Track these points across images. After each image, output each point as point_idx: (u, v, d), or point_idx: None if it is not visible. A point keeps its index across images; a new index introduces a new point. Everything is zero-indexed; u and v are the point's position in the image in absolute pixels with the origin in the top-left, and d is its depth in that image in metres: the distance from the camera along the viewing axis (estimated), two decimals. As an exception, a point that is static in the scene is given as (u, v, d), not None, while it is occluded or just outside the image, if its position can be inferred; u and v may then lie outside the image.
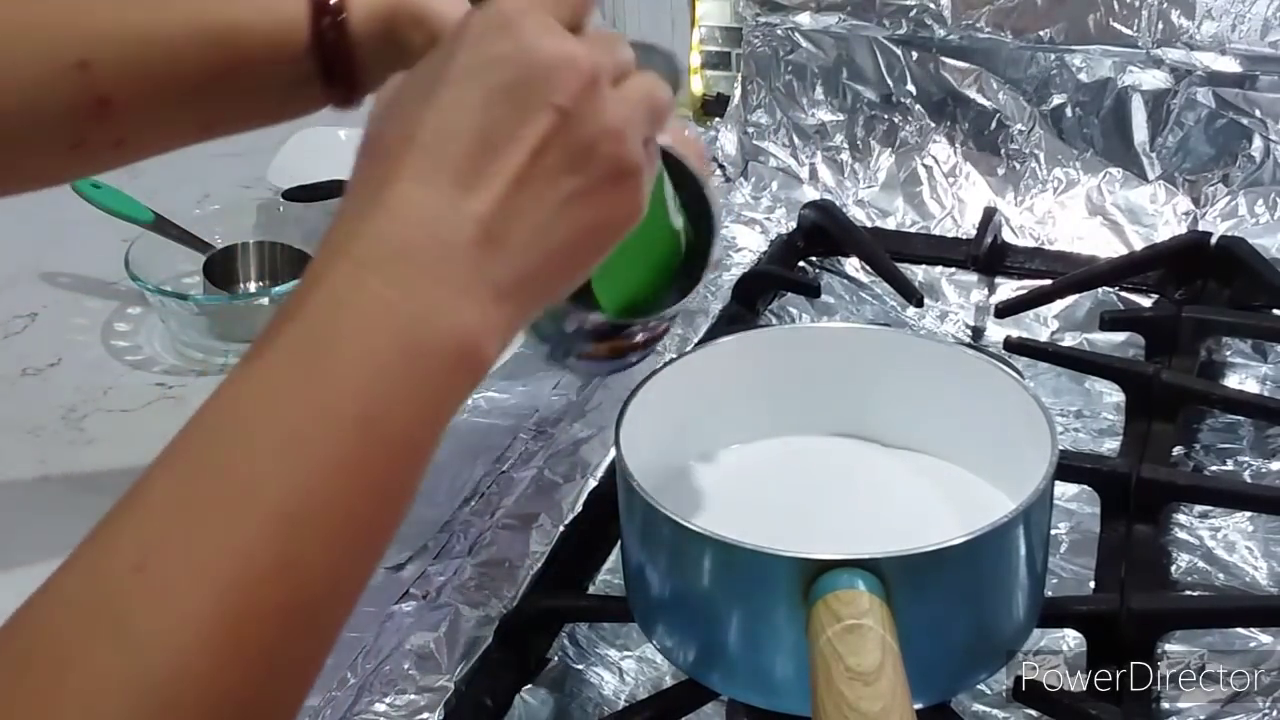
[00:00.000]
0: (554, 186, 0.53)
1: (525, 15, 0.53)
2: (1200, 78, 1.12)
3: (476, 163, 0.51)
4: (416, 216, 0.51)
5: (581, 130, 0.53)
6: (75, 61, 0.72)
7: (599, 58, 0.54)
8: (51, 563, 0.90)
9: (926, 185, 1.20)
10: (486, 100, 0.52)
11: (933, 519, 0.75)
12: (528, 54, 0.52)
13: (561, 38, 0.53)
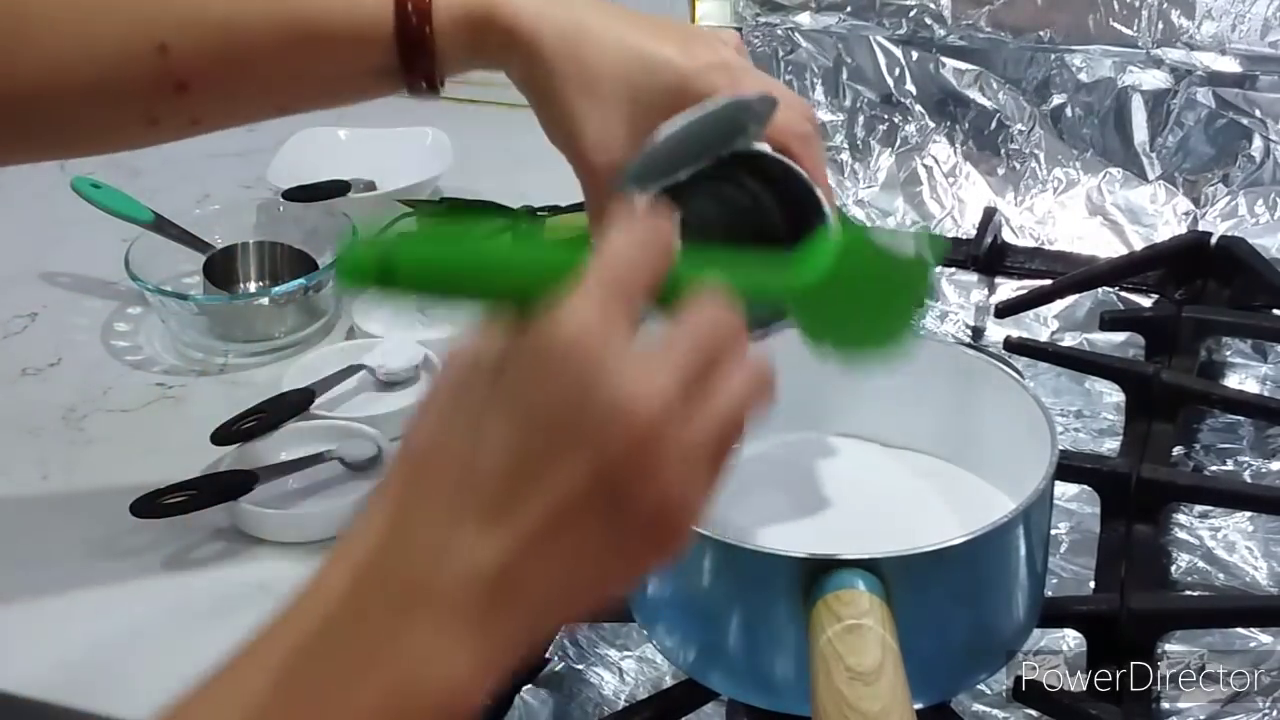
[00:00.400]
0: (579, 537, 0.48)
1: (589, 347, 0.47)
2: (1200, 78, 1.12)
3: (497, 506, 0.47)
4: (424, 548, 0.47)
5: (623, 484, 0.47)
6: (156, 44, 0.73)
7: (667, 386, 0.48)
8: (51, 562, 0.91)
9: (926, 185, 1.20)
10: (526, 432, 0.47)
11: (933, 519, 0.75)
12: (581, 396, 0.47)
13: (626, 375, 0.47)
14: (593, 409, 0.47)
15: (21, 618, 0.84)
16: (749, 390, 0.51)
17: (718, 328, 0.50)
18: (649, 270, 0.50)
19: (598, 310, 0.48)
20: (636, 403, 0.47)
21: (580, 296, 0.48)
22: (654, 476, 0.47)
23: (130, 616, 0.84)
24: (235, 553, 0.89)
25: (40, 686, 0.80)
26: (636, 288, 0.49)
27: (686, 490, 0.49)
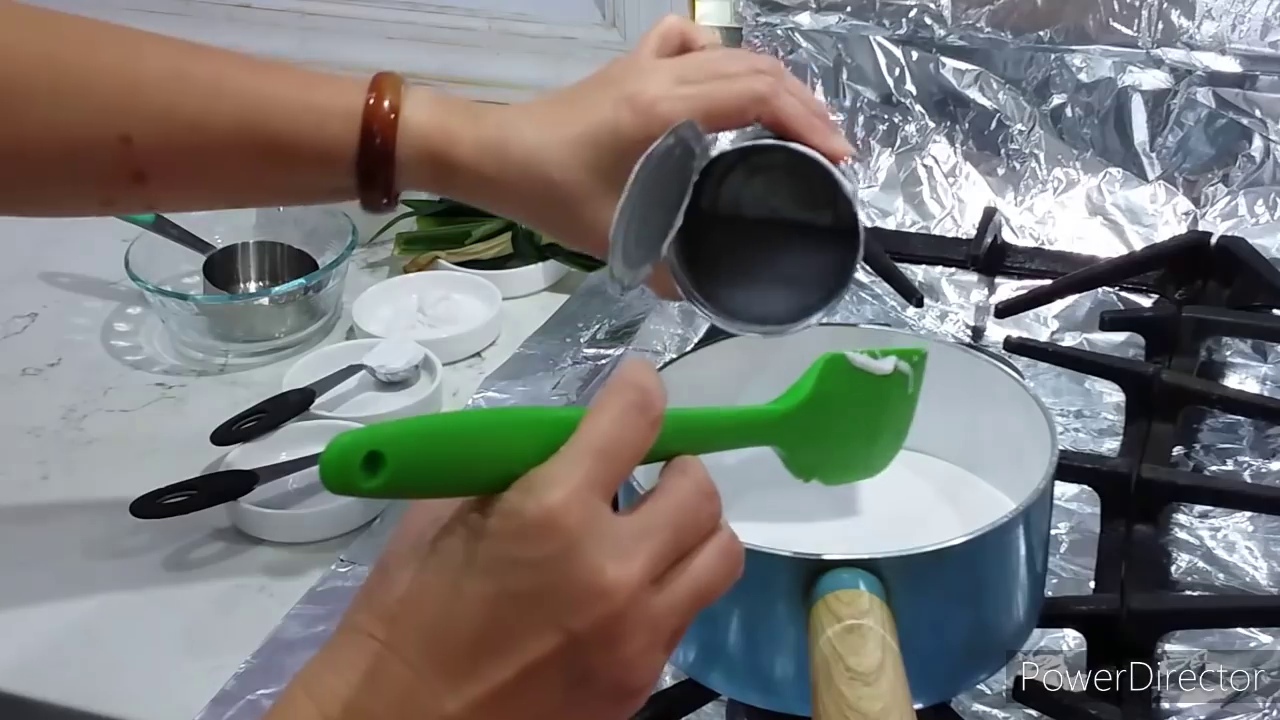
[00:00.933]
0: (544, 700, 0.50)
1: (570, 521, 0.49)
2: (1200, 78, 1.12)
3: (467, 662, 0.49)
4: (390, 694, 0.49)
5: (588, 657, 0.49)
6: (121, 135, 0.75)
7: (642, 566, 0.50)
8: (51, 562, 0.91)
9: (926, 185, 1.20)
10: (498, 601, 0.49)
11: (933, 519, 0.75)
12: (558, 572, 0.48)
13: (603, 553, 0.49)
14: (568, 587, 0.49)
15: (22, 618, 0.84)
16: (719, 570, 0.53)
17: (696, 508, 0.52)
18: (635, 444, 0.51)
19: (581, 486, 0.49)
20: (611, 585, 0.49)
21: (563, 467, 0.50)
22: (620, 651, 0.50)
23: (130, 616, 0.84)
24: (235, 553, 0.89)
25: (40, 686, 0.80)
26: (621, 462, 0.51)
27: (649, 661, 0.51)
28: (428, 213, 1.20)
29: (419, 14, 1.48)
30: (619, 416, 0.51)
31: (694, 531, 0.52)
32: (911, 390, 0.69)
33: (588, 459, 0.50)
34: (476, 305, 1.11)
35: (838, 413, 0.65)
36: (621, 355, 1.03)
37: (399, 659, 0.49)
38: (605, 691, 0.50)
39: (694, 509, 0.52)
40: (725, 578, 0.53)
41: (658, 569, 0.51)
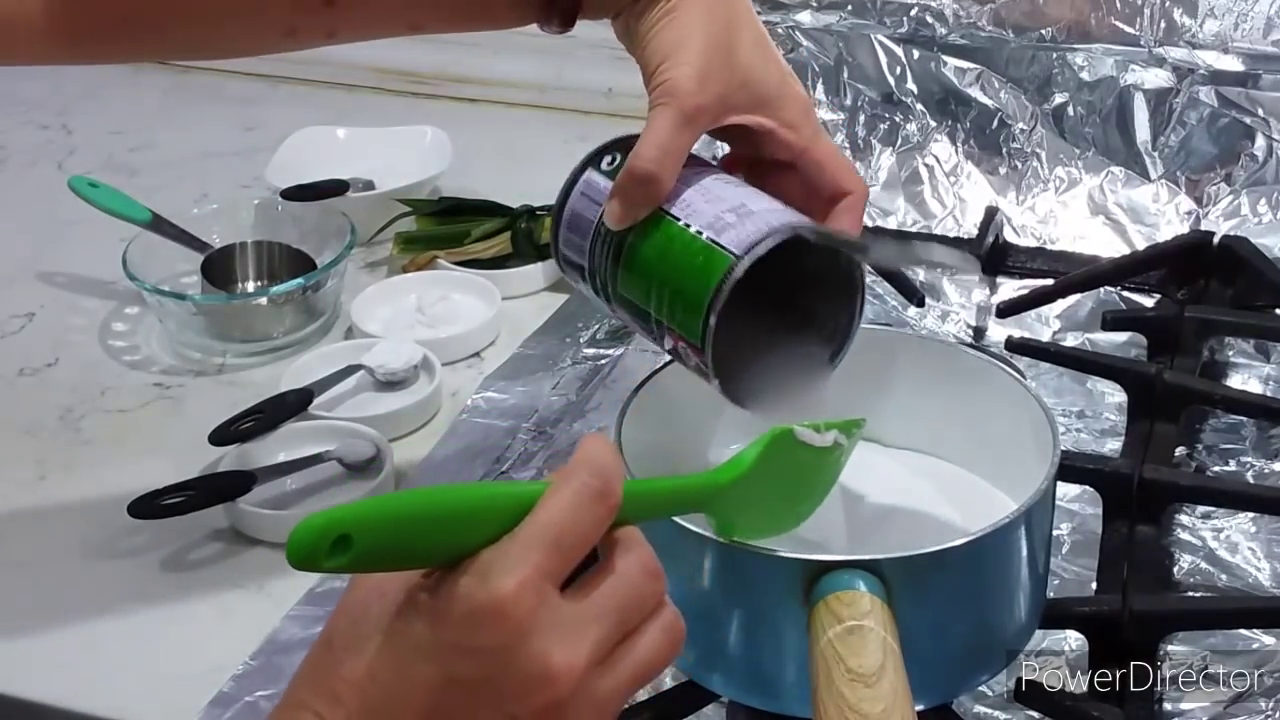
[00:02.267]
0: None
1: (519, 611, 0.49)
2: (1202, 76, 1.11)
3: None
4: None
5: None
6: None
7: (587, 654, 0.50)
8: (49, 563, 0.90)
9: (928, 184, 1.19)
10: (445, 685, 0.49)
11: (934, 519, 0.74)
12: (503, 660, 0.49)
13: (549, 643, 0.49)
14: (515, 675, 0.49)
15: (20, 618, 0.84)
16: (662, 649, 0.53)
17: (641, 588, 0.53)
18: (590, 533, 0.52)
19: (533, 575, 0.49)
20: (556, 673, 0.49)
21: (516, 554, 0.50)
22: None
23: (129, 616, 0.84)
24: (234, 553, 0.88)
25: (39, 687, 0.79)
26: (575, 550, 0.51)
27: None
28: (427, 212, 1.19)
29: (418, 13, 1.48)
30: (575, 503, 0.51)
31: (638, 612, 0.53)
32: (844, 458, 0.70)
33: (541, 546, 0.50)
34: (476, 305, 1.11)
35: (773, 480, 0.65)
36: (621, 355, 1.03)
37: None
38: None
39: (639, 590, 0.53)
40: (667, 655, 0.53)
41: (603, 652, 0.51)
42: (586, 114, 1.40)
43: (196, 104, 1.45)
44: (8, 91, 1.49)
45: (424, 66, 1.47)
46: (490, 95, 1.45)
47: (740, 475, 0.62)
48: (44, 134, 1.43)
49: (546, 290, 1.14)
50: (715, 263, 0.68)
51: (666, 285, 0.70)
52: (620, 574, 0.53)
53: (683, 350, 0.70)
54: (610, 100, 1.39)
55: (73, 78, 1.17)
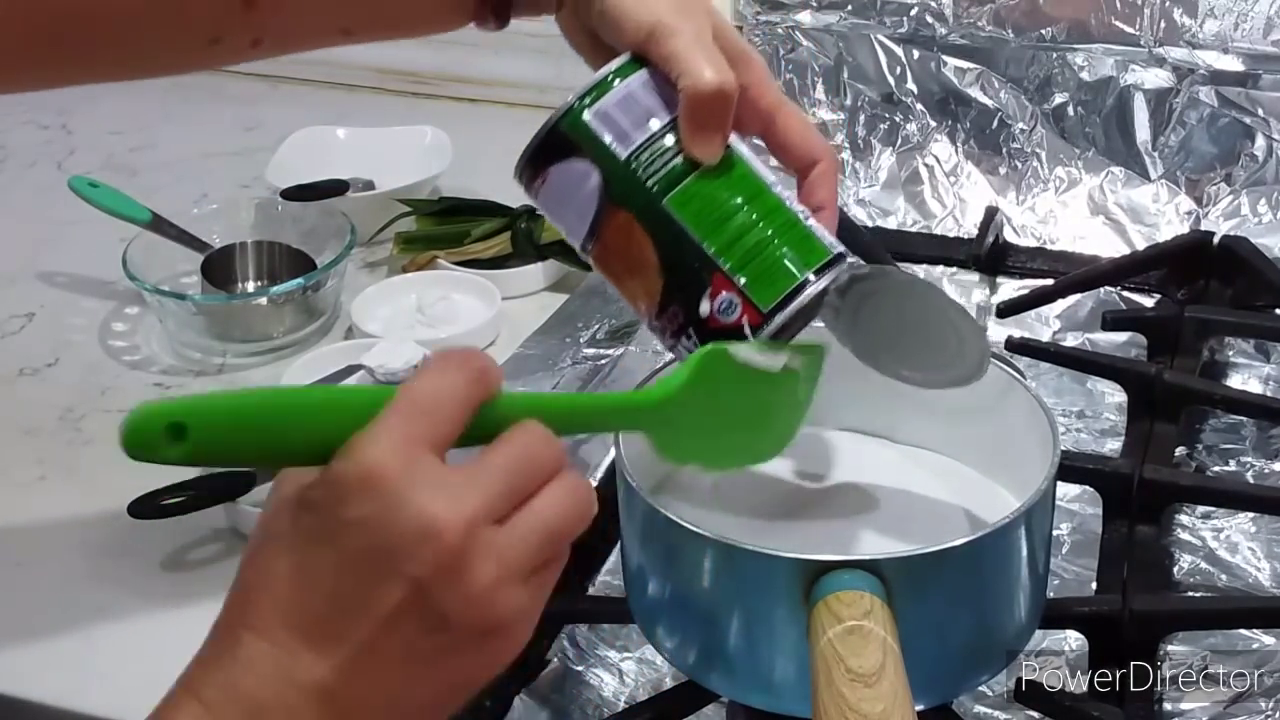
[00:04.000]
0: (406, 653, 0.51)
1: (389, 473, 0.50)
2: (1203, 76, 1.11)
3: (326, 627, 0.50)
4: (264, 672, 0.50)
5: (437, 599, 0.50)
6: None
7: (474, 505, 0.51)
8: (49, 563, 0.90)
9: (928, 184, 1.19)
10: (340, 564, 0.50)
11: (934, 519, 0.74)
12: (385, 522, 0.50)
13: (428, 498, 0.50)
14: (399, 535, 0.50)
15: (20, 618, 0.84)
16: (564, 507, 0.53)
17: (532, 453, 0.53)
18: (455, 396, 0.53)
19: (399, 440, 0.50)
20: (441, 524, 0.50)
21: (379, 426, 0.51)
22: (465, 587, 0.50)
23: (129, 616, 0.84)
24: (234, 553, 0.88)
25: (37, 687, 0.80)
26: (443, 415, 0.52)
27: (506, 600, 0.51)
28: (426, 212, 1.19)
29: (419, 13, 1.48)
30: (435, 374, 0.53)
31: (532, 474, 0.53)
32: (804, 386, 0.68)
33: (405, 415, 0.51)
34: (476, 305, 1.11)
35: (718, 403, 0.64)
36: (621, 355, 1.03)
37: (265, 640, 0.50)
38: (466, 631, 0.51)
39: (530, 454, 0.53)
40: (574, 515, 0.54)
41: (496, 510, 0.52)
42: (586, 114, 1.40)
43: (196, 104, 1.45)
44: (8, 91, 1.49)
45: (424, 66, 1.47)
46: (490, 95, 1.45)
47: (670, 393, 0.62)
48: (44, 134, 1.43)
49: (546, 290, 1.14)
50: (815, 249, 0.67)
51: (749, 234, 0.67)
52: (507, 441, 0.53)
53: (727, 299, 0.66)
54: (610, 100, 1.39)
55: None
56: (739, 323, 0.66)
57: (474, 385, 0.53)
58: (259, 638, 0.51)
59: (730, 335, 0.66)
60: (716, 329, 0.66)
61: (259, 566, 0.52)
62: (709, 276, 0.66)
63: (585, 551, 0.85)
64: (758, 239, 0.67)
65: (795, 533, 0.72)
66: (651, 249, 0.67)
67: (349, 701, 0.51)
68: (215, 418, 0.51)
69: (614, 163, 0.67)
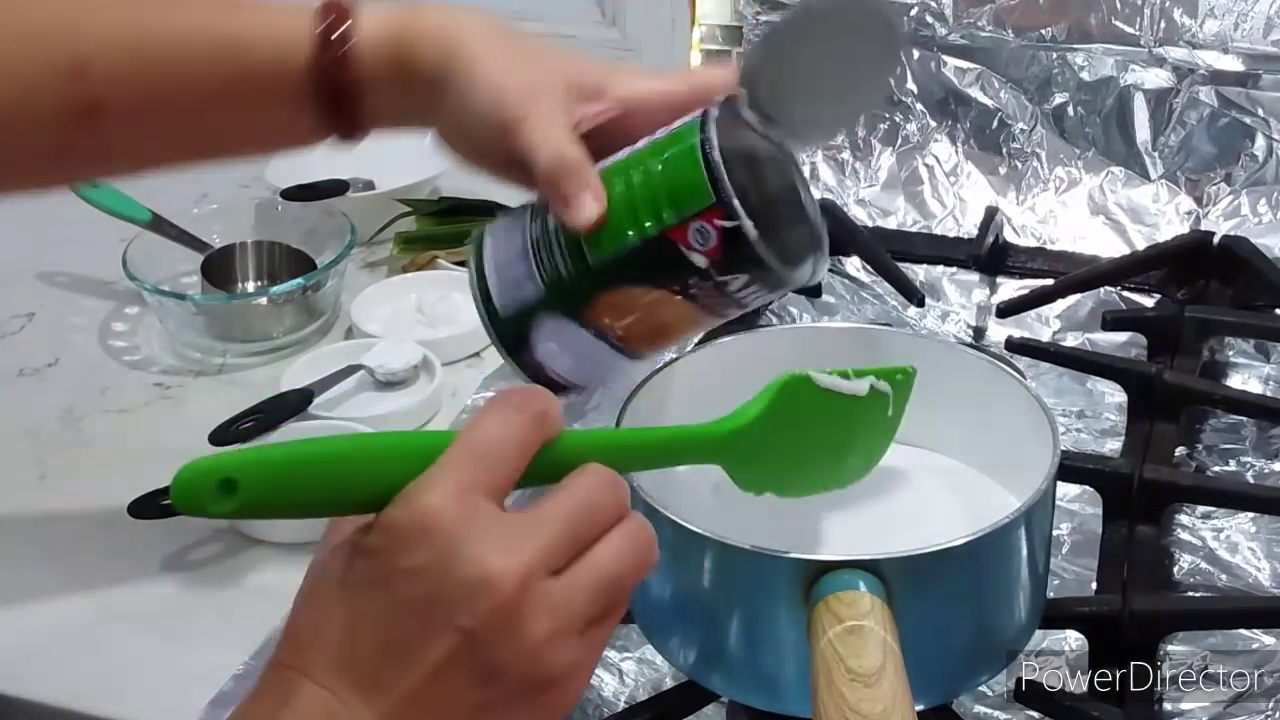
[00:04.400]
0: (455, 704, 0.51)
1: (445, 522, 0.50)
2: (1203, 76, 1.11)
3: (378, 673, 0.50)
4: (311, 713, 0.50)
5: (489, 653, 0.50)
6: (70, 63, 0.69)
7: (531, 556, 0.50)
8: (49, 563, 0.90)
9: (928, 184, 1.19)
10: (392, 612, 0.50)
11: (934, 519, 0.74)
12: (439, 571, 0.50)
13: (484, 548, 0.50)
14: (454, 585, 0.50)
15: (19, 618, 0.84)
16: (624, 556, 0.53)
17: (595, 499, 0.53)
18: (516, 441, 0.52)
19: (456, 488, 0.50)
20: (496, 576, 0.50)
21: (436, 473, 0.51)
22: (519, 641, 0.50)
23: (128, 617, 0.84)
24: (234, 553, 0.88)
25: (37, 687, 0.79)
26: (502, 461, 0.52)
27: (559, 655, 0.51)
28: (427, 212, 1.19)
29: (419, 13, 1.48)
30: (494, 418, 0.52)
31: (593, 522, 0.53)
32: (893, 410, 0.68)
33: (463, 461, 0.51)
34: (476, 305, 1.10)
35: (797, 432, 0.64)
36: (621, 355, 1.03)
37: (313, 682, 0.50)
38: (517, 684, 0.51)
39: (592, 501, 0.53)
40: (634, 563, 0.53)
41: (554, 560, 0.51)
42: (586, 114, 1.40)
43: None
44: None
45: (424, 66, 1.47)
46: (490, 95, 1.45)
47: (743, 425, 0.62)
48: (44, 134, 1.42)
49: (546, 290, 1.14)
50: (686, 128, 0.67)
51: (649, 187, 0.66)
52: (570, 488, 0.53)
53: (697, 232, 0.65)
54: (610, 100, 1.39)
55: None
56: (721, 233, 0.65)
57: (534, 429, 0.53)
58: (310, 681, 0.51)
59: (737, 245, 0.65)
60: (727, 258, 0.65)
61: (311, 607, 0.52)
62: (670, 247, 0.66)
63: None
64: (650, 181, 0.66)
65: (795, 533, 0.71)
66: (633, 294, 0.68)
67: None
68: (266, 472, 0.51)
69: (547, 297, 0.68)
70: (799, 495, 0.67)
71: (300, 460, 0.52)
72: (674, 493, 0.70)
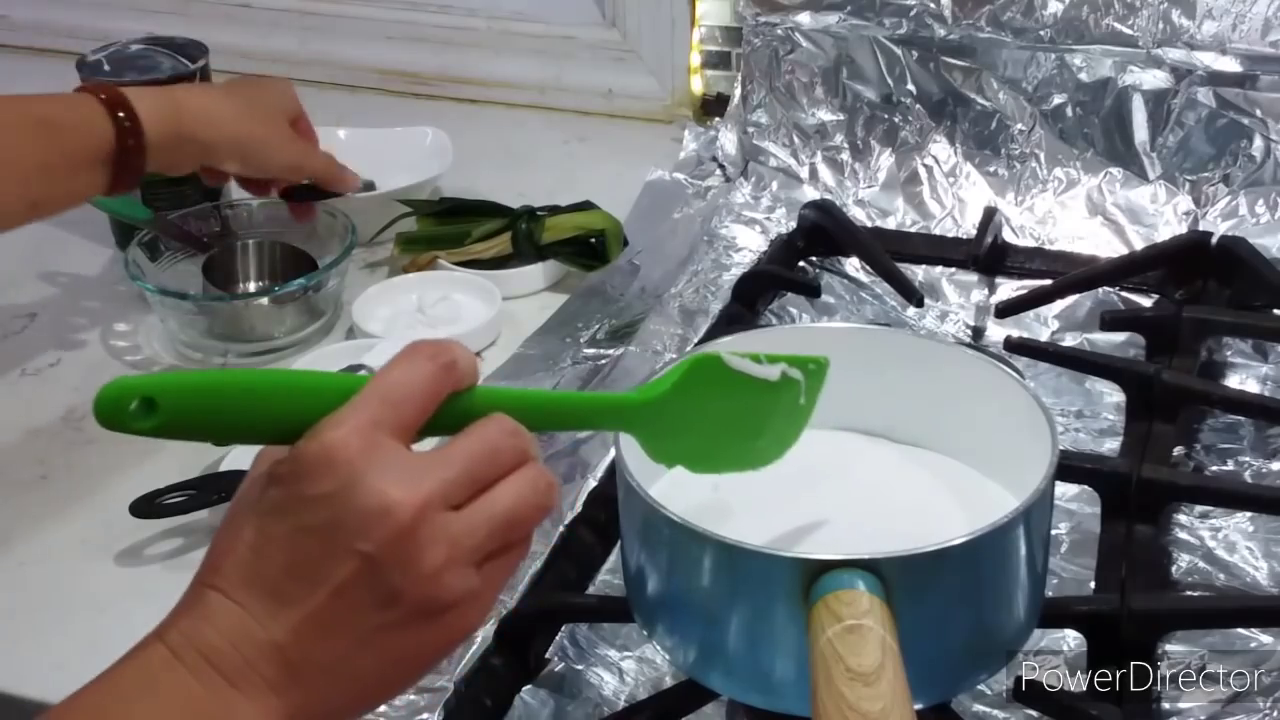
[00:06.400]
0: (355, 622, 0.54)
1: (349, 454, 0.53)
2: (1201, 77, 1.12)
3: (284, 591, 0.54)
4: (224, 625, 0.54)
5: (387, 576, 0.53)
6: None
7: (429, 489, 0.53)
8: (51, 562, 0.90)
9: (927, 185, 1.20)
10: (296, 535, 0.53)
11: (933, 518, 0.74)
12: (341, 499, 0.53)
13: (384, 479, 0.53)
14: (354, 513, 0.53)
15: (20, 617, 0.84)
16: (522, 497, 0.56)
17: (496, 443, 0.56)
18: (423, 385, 0.55)
19: (363, 424, 0.54)
20: (394, 505, 0.53)
21: (346, 411, 0.54)
22: (417, 567, 0.53)
23: (129, 616, 0.84)
24: (235, 553, 0.88)
25: (38, 686, 0.80)
26: (410, 404, 0.55)
27: (455, 582, 0.54)
28: (427, 213, 1.20)
29: (419, 14, 1.48)
30: (405, 364, 0.56)
31: (494, 463, 0.56)
32: (805, 399, 0.69)
33: (372, 402, 0.54)
34: (476, 305, 1.11)
35: (708, 409, 0.66)
36: (621, 355, 1.03)
37: (227, 597, 0.54)
38: (415, 607, 0.54)
39: (493, 444, 0.56)
40: (532, 505, 0.57)
41: (453, 496, 0.54)
42: (586, 114, 1.40)
43: (197, 104, 1.45)
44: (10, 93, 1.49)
45: (425, 67, 1.47)
46: (491, 96, 1.46)
47: (655, 396, 0.64)
48: (45, 134, 1.43)
49: (546, 290, 1.15)
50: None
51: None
52: (472, 432, 0.56)
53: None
54: (610, 101, 1.40)
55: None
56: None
57: (442, 376, 0.56)
58: (222, 595, 0.54)
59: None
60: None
61: (228, 531, 0.55)
62: None
63: (585, 550, 0.85)
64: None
65: (795, 532, 0.72)
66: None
67: (299, 660, 0.54)
68: (186, 395, 0.54)
69: None
70: (710, 472, 0.69)
71: (219, 386, 0.55)
72: (674, 493, 0.71)
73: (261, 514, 0.54)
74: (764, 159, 1.25)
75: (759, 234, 1.19)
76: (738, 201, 1.22)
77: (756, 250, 1.16)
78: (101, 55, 1.18)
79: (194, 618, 0.54)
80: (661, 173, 1.27)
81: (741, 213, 1.21)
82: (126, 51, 1.19)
